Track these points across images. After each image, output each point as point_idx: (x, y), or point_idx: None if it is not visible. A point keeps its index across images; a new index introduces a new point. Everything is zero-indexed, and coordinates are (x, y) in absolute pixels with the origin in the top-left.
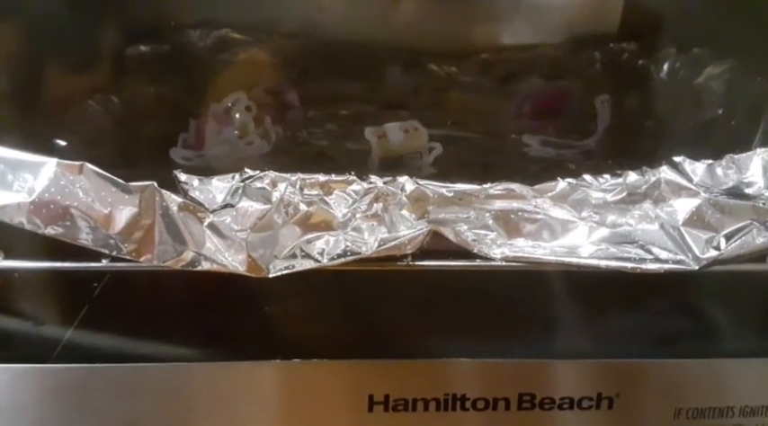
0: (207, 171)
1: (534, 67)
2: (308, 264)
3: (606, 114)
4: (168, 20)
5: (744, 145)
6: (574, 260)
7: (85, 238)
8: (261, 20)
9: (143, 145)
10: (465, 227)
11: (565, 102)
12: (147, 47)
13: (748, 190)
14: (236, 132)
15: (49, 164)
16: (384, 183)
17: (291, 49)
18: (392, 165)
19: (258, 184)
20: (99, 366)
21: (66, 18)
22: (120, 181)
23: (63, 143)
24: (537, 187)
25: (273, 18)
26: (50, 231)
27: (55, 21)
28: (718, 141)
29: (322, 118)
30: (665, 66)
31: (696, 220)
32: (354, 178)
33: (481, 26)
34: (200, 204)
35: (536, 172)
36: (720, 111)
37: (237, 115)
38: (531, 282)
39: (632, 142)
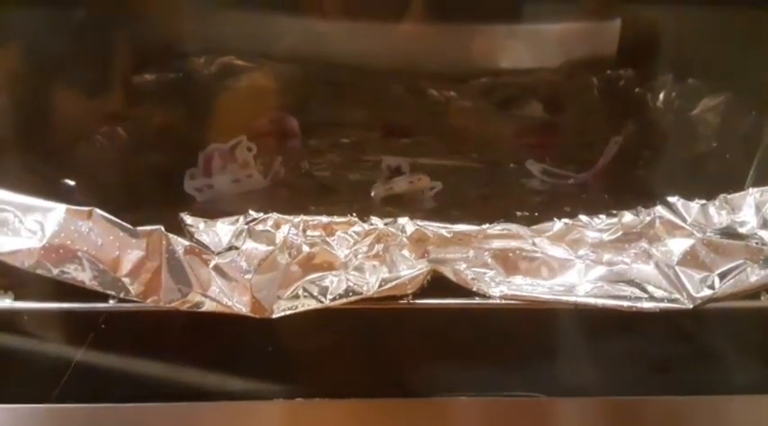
0: (213, 206)
1: (533, 92)
2: (311, 304)
3: (611, 153)
4: (173, 47)
5: (738, 179)
6: (571, 298)
7: (94, 281)
8: (263, 47)
9: (151, 179)
10: (464, 266)
11: (562, 133)
12: (152, 75)
13: (741, 230)
14: (240, 167)
15: (59, 210)
16: (385, 225)
17: (293, 75)
18: (393, 200)
19: (262, 227)
20: (98, 405)
21: (72, 48)
22: (128, 225)
23: (71, 183)
24: (534, 227)
25: (275, 45)
26: (60, 275)
27: (60, 52)
28: (713, 175)
29: (324, 146)
30: (662, 95)
31: (690, 260)
32: (356, 220)
33: (481, 50)
34: (206, 247)
35: (534, 205)
36: (715, 144)
37: (239, 155)
38: (531, 319)
39: (628, 173)
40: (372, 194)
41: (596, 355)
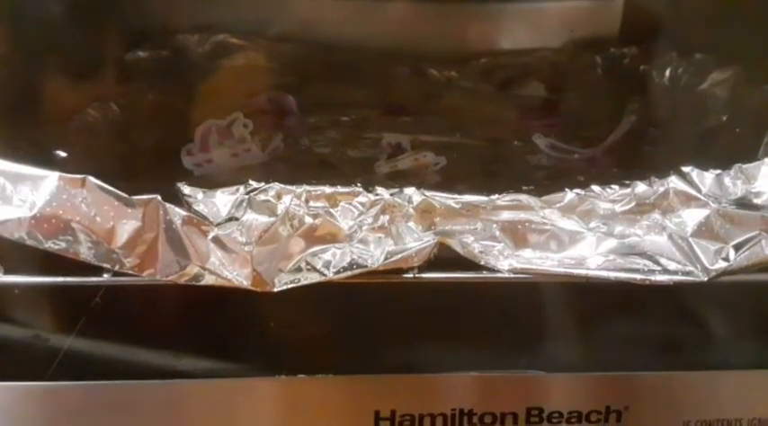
0: (211, 180)
1: (535, 72)
2: (313, 278)
3: (623, 130)
4: (167, 25)
5: (748, 153)
6: (582, 271)
7: (87, 253)
8: (259, 24)
9: (145, 154)
10: (472, 239)
11: (566, 112)
12: (145, 53)
13: (757, 201)
14: (237, 143)
15: (51, 178)
16: (391, 195)
17: (290, 55)
18: (397, 176)
19: (263, 197)
20: (96, 383)
21: (64, 24)
22: (123, 194)
23: (63, 154)
24: (545, 198)
25: (271, 23)
26: (52, 246)
27: (52, 27)
28: (723, 149)
29: (323, 124)
30: (668, 72)
31: (705, 231)
32: (361, 190)
33: (481, 30)
34: (205, 217)
35: (540, 180)
36: (725, 118)
37: (236, 131)
38: (539, 294)
39: (636, 149)
40: (376, 171)
41: (606, 330)
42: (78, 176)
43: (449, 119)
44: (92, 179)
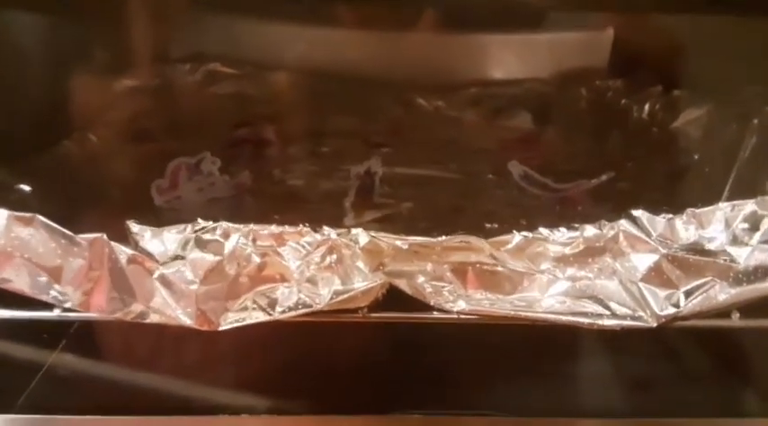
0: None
1: (522, 102)
2: (259, 317)
3: (598, 182)
4: (160, 53)
5: (717, 193)
6: (530, 314)
7: (34, 289)
8: (249, 53)
9: (117, 186)
10: (422, 279)
11: (546, 144)
12: (134, 81)
13: (709, 246)
14: (204, 178)
15: (0, 215)
16: (338, 235)
17: (278, 83)
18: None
19: (210, 236)
20: (62, 417)
21: (45, 49)
22: (69, 233)
23: (27, 188)
24: (493, 240)
25: (260, 51)
26: (0, 283)
27: (32, 53)
28: (694, 188)
29: (301, 155)
30: (647, 107)
31: (655, 276)
32: (308, 230)
33: (471, 60)
34: (151, 256)
35: (506, 217)
36: (696, 157)
37: (204, 168)
38: (490, 334)
39: (609, 187)
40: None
41: (560, 372)
42: (27, 214)
43: (429, 150)
44: (40, 217)
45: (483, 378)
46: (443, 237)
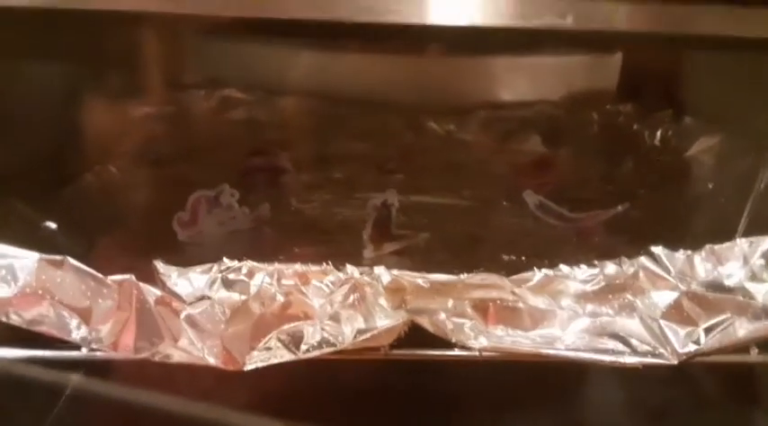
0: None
1: (533, 126)
2: (284, 356)
3: (612, 212)
4: (176, 79)
5: (734, 223)
6: (551, 351)
7: (65, 331)
8: (263, 78)
9: (138, 220)
10: (443, 316)
11: (559, 170)
12: (151, 108)
13: (728, 283)
14: (224, 211)
15: (31, 259)
16: (360, 274)
17: (291, 108)
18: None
19: (235, 275)
20: None
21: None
22: (99, 275)
23: (53, 225)
24: (514, 277)
25: (274, 76)
26: (31, 325)
27: (50, 91)
28: (707, 219)
29: (316, 182)
30: (659, 133)
31: (675, 313)
32: (331, 268)
33: (481, 83)
34: (178, 296)
35: (524, 248)
36: (711, 186)
37: (223, 200)
38: (514, 370)
39: (623, 217)
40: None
41: (582, 407)
42: (57, 257)
43: (442, 176)
44: (70, 260)
45: (503, 411)
46: (465, 275)
